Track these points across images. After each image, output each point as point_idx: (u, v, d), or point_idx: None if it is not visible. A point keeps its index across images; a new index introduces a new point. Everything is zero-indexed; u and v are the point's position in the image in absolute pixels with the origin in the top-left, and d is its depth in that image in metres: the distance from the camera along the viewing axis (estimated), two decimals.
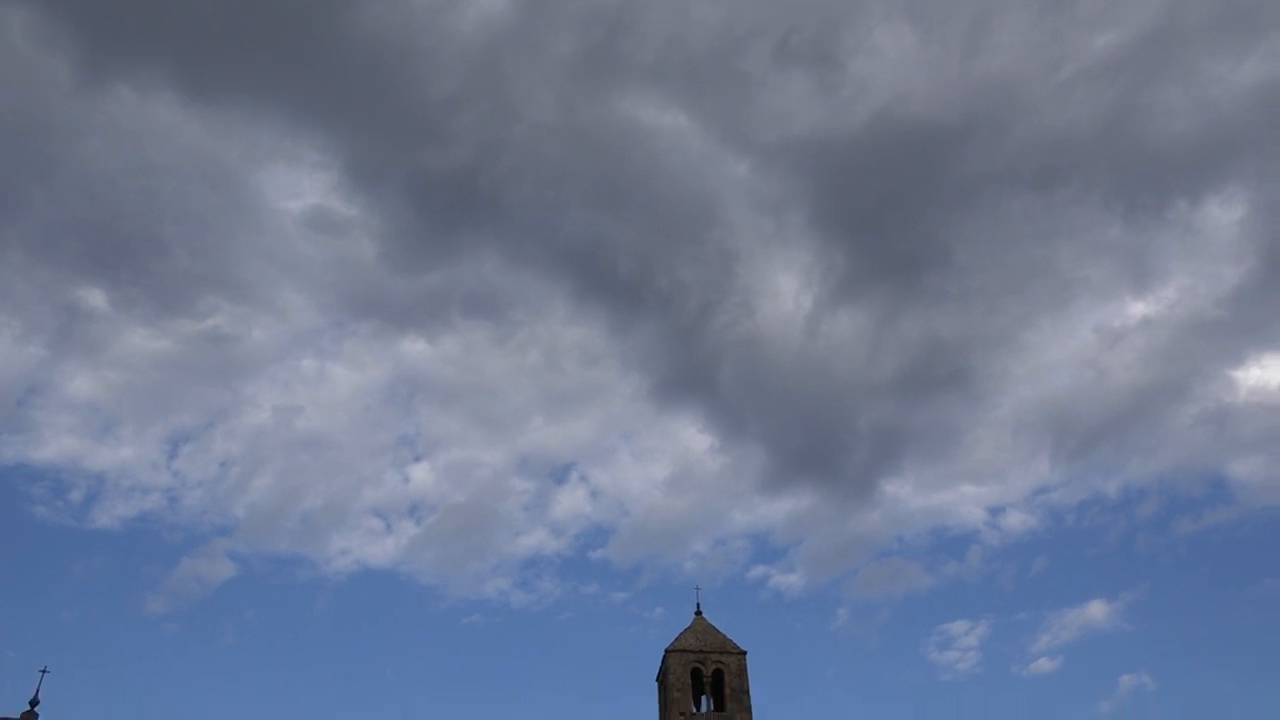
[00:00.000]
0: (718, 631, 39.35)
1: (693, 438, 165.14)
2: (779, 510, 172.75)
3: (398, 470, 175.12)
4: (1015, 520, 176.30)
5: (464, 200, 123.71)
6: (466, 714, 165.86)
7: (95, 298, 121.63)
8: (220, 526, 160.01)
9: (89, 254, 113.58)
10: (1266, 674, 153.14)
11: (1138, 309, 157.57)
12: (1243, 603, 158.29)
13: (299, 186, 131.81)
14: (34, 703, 23.03)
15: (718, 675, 37.73)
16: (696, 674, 37.69)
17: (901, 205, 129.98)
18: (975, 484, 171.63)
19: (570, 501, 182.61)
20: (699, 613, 40.27)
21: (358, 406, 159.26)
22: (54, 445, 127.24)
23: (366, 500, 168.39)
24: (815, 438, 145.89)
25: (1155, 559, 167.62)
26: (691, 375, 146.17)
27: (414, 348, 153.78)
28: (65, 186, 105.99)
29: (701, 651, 38.21)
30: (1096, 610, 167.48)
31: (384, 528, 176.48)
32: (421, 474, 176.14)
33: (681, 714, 36.51)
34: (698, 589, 45.38)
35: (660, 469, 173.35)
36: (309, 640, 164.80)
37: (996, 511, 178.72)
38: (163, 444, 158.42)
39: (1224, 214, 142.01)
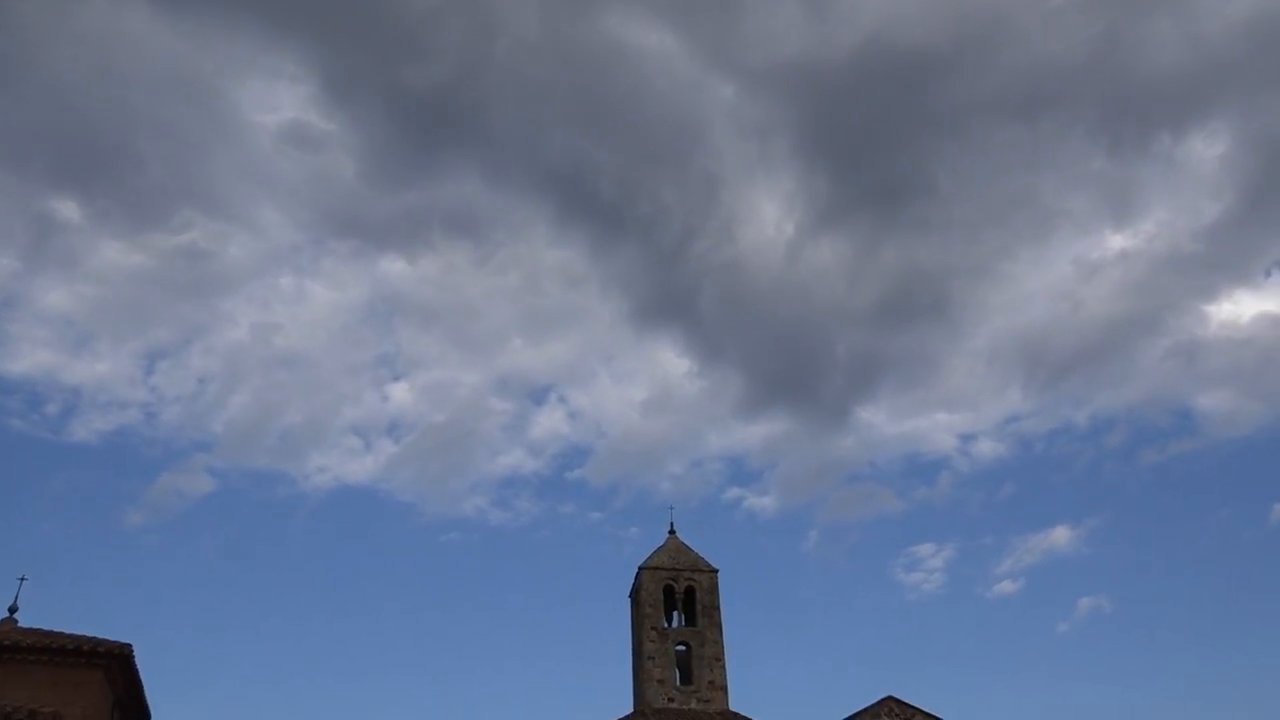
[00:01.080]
0: (690, 550, 40.09)
1: (671, 361, 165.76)
2: (755, 434, 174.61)
3: (376, 389, 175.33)
4: (985, 448, 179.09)
5: (444, 118, 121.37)
6: (445, 628, 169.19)
7: (68, 209, 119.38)
8: (199, 442, 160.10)
9: (60, 164, 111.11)
10: (1219, 598, 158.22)
11: (1116, 242, 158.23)
12: (1200, 531, 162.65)
13: (276, 100, 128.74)
14: (13, 609, 23.35)
15: (689, 592, 38.52)
16: (669, 591, 38.44)
17: (887, 133, 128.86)
18: (948, 412, 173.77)
19: (548, 422, 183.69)
20: (672, 532, 40.94)
21: (336, 325, 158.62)
22: (29, 358, 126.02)
23: (345, 418, 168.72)
24: (793, 364, 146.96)
25: (1120, 487, 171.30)
26: (671, 300, 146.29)
27: (393, 267, 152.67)
28: (34, 95, 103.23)
29: (674, 569, 38.94)
30: (1060, 535, 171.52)
31: (363, 446, 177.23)
32: (400, 393, 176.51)
33: (653, 628, 37.35)
34: (671, 509, 46.12)
35: (638, 392, 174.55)
36: (289, 555, 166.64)
37: (968, 439, 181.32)
38: (139, 359, 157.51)
39: (1207, 149, 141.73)
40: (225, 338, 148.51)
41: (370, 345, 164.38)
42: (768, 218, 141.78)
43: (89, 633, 18.60)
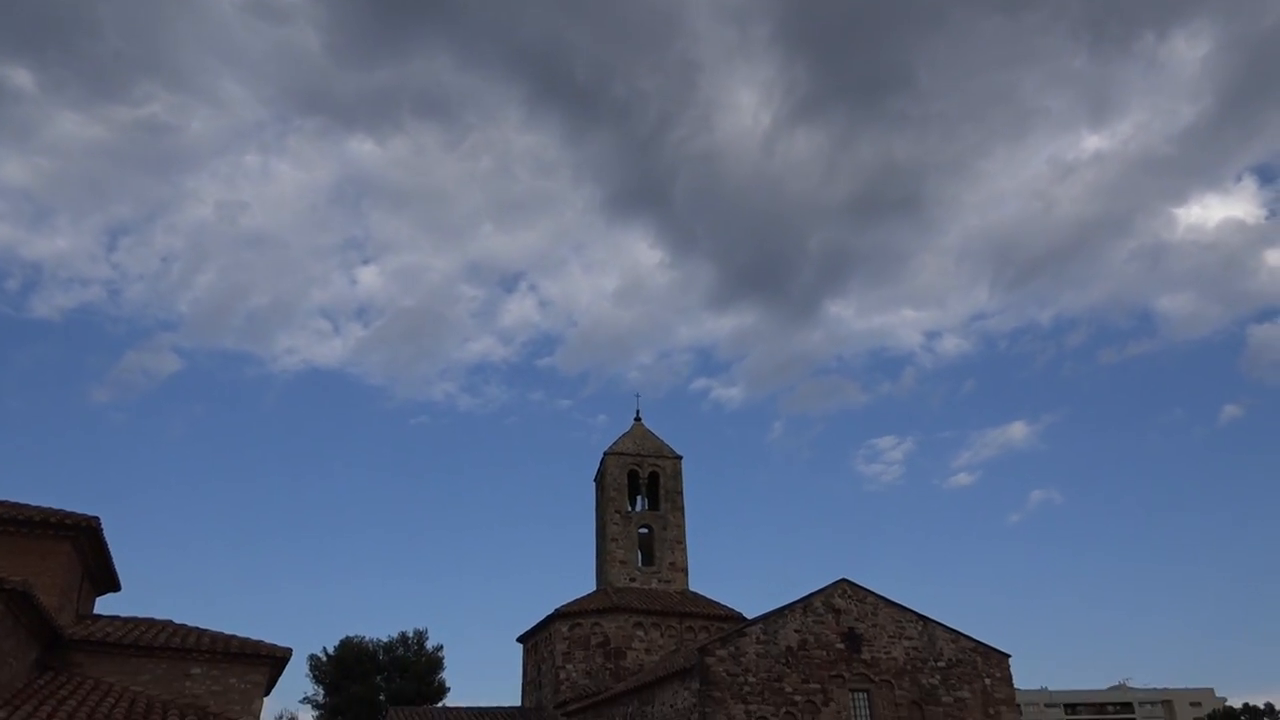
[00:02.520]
0: (655, 437, 40.70)
1: (643, 252, 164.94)
2: (724, 326, 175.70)
3: (345, 272, 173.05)
4: (950, 344, 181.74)
5: None
6: (413, 511, 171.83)
7: (21, 77, 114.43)
8: (164, 321, 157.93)
9: (11, 30, 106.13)
10: (1166, 494, 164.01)
11: (1092, 143, 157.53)
12: (1151, 429, 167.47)
13: None
14: None
15: (653, 477, 39.31)
16: (633, 476, 39.19)
17: (869, 23, 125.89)
18: (916, 308, 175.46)
19: (519, 310, 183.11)
20: (638, 418, 41.50)
21: (304, 206, 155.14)
22: None
23: (314, 301, 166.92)
24: (765, 256, 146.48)
25: (1077, 385, 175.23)
26: (645, 189, 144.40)
27: (362, 148, 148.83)
28: None
29: (639, 455, 39.62)
30: (1016, 431, 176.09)
31: (331, 329, 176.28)
32: (369, 277, 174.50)
33: (617, 512, 38.22)
34: (638, 396, 46.72)
35: (609, 281, 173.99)
36: (258, 435, 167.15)
37: (933, 335, 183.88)
38: (101, 236, 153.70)
39: (1189, 50, 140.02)
40: (189, 215, 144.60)
41: (339, 227, 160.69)
42: (746, 107, 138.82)
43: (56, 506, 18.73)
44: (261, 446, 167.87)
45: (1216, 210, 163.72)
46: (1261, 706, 63.90)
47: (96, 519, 18.92)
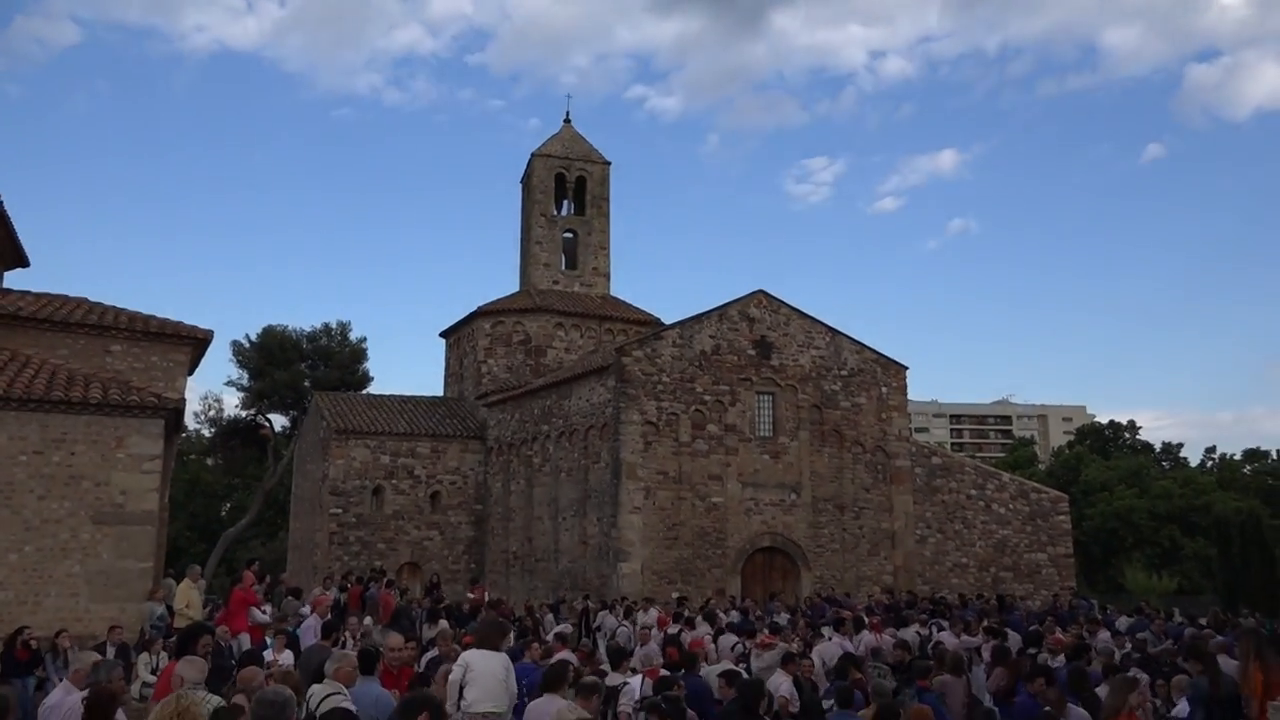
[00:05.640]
0: (585, 140, 39.71)
1: None
2: (666, 32, 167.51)
3: None
4: (893, 66, 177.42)
5: None
6: (333, 204, 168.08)
7: None
8: None
9: None
10: (1074, 225, 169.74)
11: None
12: (1077, 165, 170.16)
13: None
14: None
15: (580, 182, 38.79)
16: (560, 179, 38.59)
17: None
18: (864, 25, 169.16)
19: None
20: (568, 120, 40.17)
21: None
22: None
23: None
24: None
25: (1013, 116, 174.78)
26: None
27: None
28: None
29: (566, 158, 38.80)
30: (946, 159, 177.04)
31: (244, 5, 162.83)
32: None
33: (543, 215, 37.96)
34: (569, 97, 45.27)
35: None
36: (168, 117, 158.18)
37: (878, 55, 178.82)
38: None
39: None
40: None
41: None
42: None
43: None
44: (173, 130, 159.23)
45: None
46: (1124, 422, 70.26)
47: None
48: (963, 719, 9.59)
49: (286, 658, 10.91)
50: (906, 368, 29.81)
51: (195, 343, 20.35)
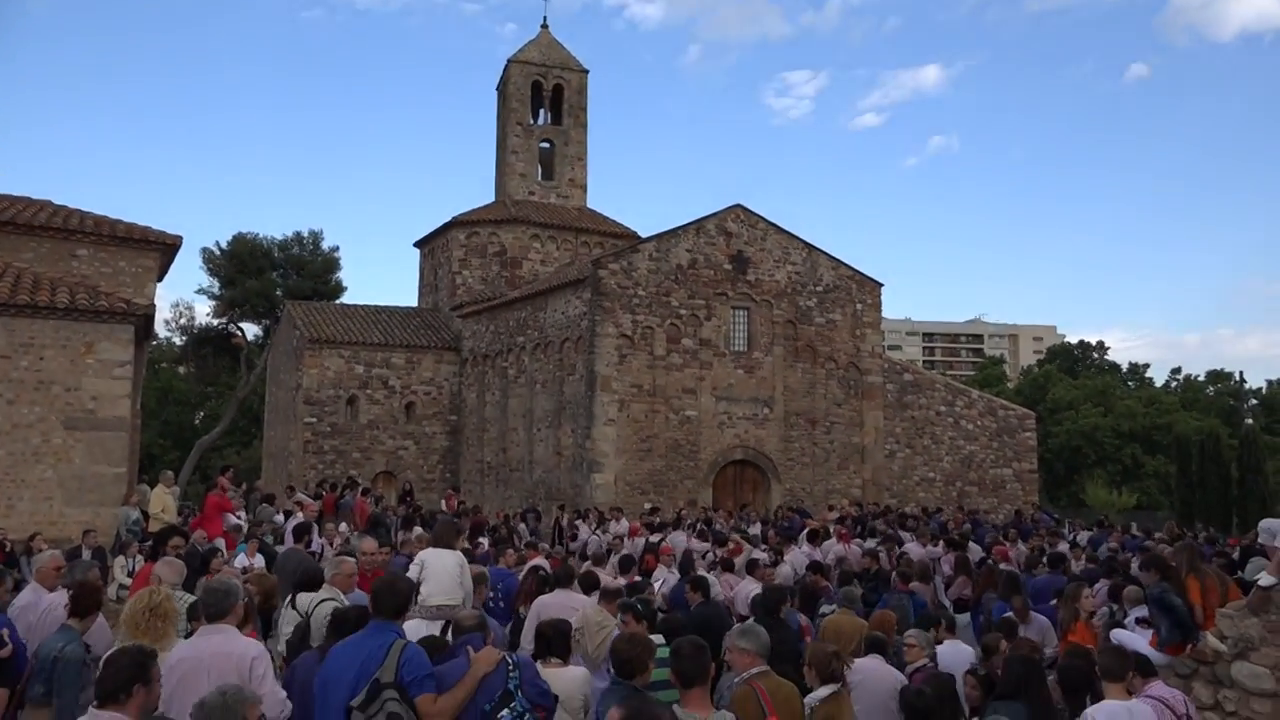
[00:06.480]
0: (562, 47, 38.69)
1: None
2: None
3: None
4: None
5: None
6: (307, 107, 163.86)
7: None
8: None
9: None
10: (1054, 144, 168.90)
11: None
12: (1061, 84, 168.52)
13: None
14: None
15: (557, 90, 37.92)
16: (537, 87, 37.70)
17: None
18: None
19: None
20: (545, 25, 39.12)
21: None
22: None
23: None
24: None
25: (999, 31, 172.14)
26: None
27: None
28: None
29: (544, 65, 37.86)
30: (930, 74, 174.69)
31: None
32: None
33: (519, 124, 37.20)
34: (546, 1, 43.65)
35: None
36: (132, 19, 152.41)
37: None
38: None
39: None
40: None
41: None
42: None
43: None
44: (138, 31, 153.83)
45: None
46: (1094, 343, 71.27)
47: None
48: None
49: (258, 562, 11.06)
50: (881, 285, 29.92)
51: (164, 248, 20.02)
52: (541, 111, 38.59)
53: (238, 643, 5.18)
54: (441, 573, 7.52)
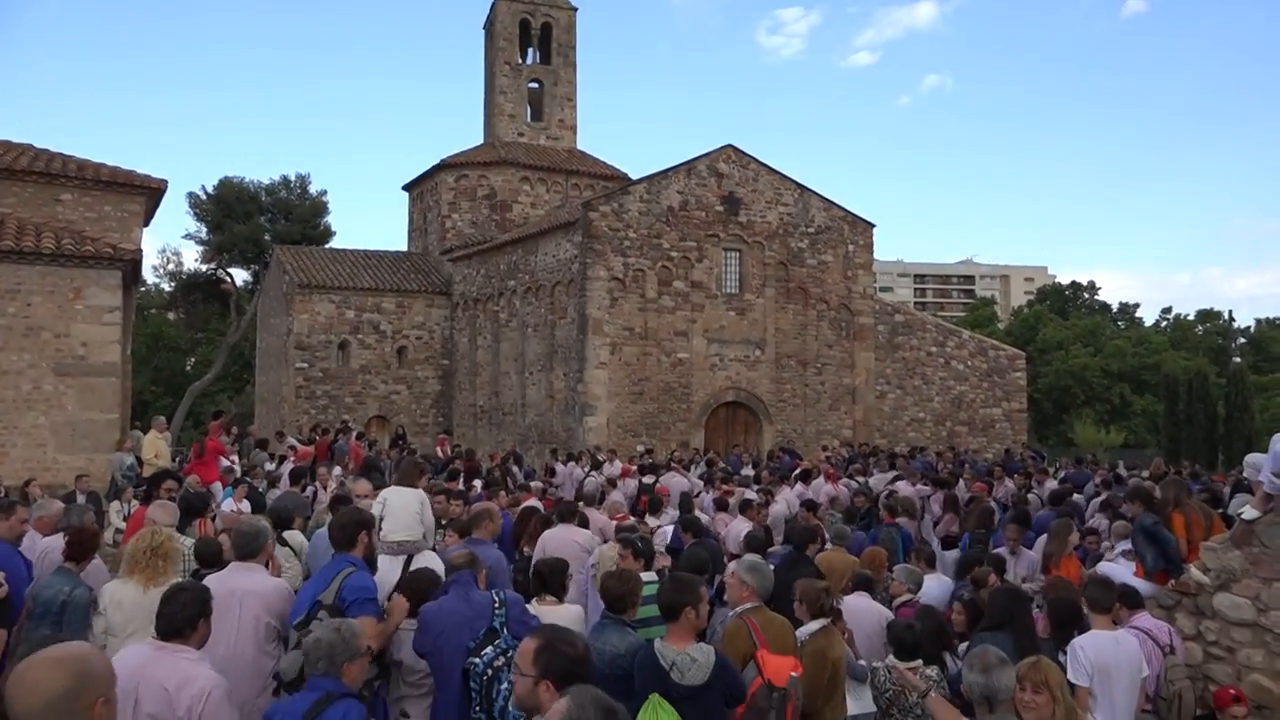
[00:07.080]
0: None
1: None
2: None
3: None
4: None
5: None
6: (294, 42, 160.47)
7: None
8: None
9: None
10: (1049, 83, 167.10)
11: None
12: (1057, 23, 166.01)
13: None
14: None
15: (546, 29, 37.25)
16: (525, 26, 37.01)
17: None
18: None
19: None
20: None
21: None
22: None
23: None
24: None
25: None
26: None
27: None
28: None
29: (531, 2, 37.06)
30: (925, 11, 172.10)
31: None
32: None
33: (507, 63, 36.58)
34: None
35: None
36: None
37: None
38: None
39: None
40: None
41: None
42: None
43: None
44: None
45: None
46: (1084, 283, 71.33)
47: None
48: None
49: (245, 507, 11.13)
50: (874, 226, 29.78)
51: (149, 193, 19.78)
52: (530, 50, 37.95)
53: (268, 581, 5.61)
54: (402, 510, 7.68)
